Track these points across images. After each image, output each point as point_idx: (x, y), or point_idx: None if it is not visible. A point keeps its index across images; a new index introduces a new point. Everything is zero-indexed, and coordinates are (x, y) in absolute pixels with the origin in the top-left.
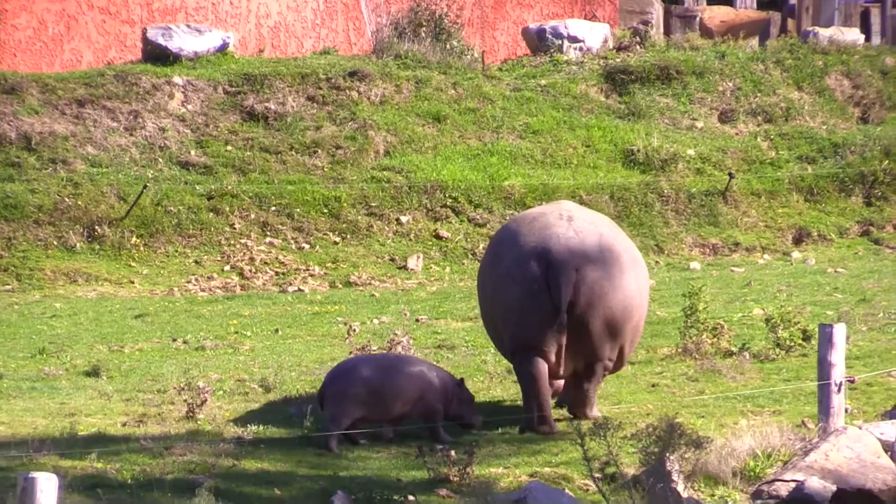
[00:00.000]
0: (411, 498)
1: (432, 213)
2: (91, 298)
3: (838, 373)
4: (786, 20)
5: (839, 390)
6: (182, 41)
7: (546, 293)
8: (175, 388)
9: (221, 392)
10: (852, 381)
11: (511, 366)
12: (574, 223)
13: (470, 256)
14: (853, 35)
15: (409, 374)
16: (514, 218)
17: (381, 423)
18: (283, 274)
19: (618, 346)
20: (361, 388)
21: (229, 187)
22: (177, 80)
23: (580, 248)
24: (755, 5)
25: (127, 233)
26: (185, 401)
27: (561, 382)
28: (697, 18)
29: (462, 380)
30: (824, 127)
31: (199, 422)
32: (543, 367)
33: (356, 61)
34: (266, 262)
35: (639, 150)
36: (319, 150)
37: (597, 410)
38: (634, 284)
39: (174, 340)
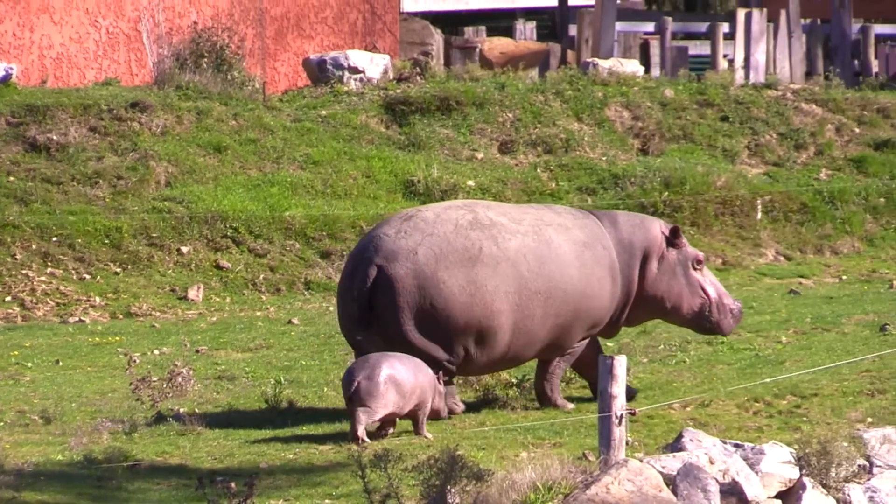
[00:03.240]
0: None
1: (213, 244)
2: None
3: (619, 405)
4: (565, 52)
5: (620, 422)
6: None
7: (350, 293)
8: None
9: (1, 424)
10: (633, 414)
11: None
12: (407, 223)
13: (250, 287)
14: (633, 66)
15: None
16: None
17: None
18: (65, 305)
19: (456, 344)
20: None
21: (11, 218)
22: None
23: (390, 247)
24: (535, 37)
25: None
26: None
27: None
28: (477, 50)
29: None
30: (604, 158)
31: None
32: None
33: (138, 92)
34: (47, 293)
35: (419, 181)
36: (101, 181)
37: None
38: (461, 281)
39: None
